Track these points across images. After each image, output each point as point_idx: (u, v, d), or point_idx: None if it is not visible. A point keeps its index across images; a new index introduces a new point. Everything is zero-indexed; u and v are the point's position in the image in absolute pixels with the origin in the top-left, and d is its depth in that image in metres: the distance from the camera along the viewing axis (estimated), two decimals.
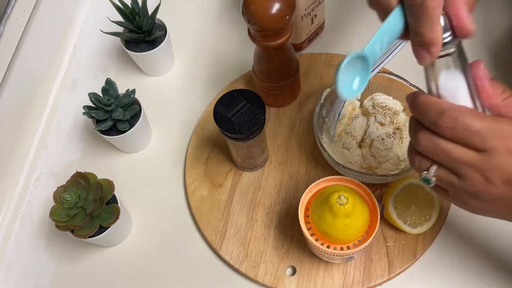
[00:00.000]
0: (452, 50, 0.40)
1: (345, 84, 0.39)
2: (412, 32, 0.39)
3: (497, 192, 0.40)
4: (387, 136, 0.62)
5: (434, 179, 0.42)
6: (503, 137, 0.38)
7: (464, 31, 0.39)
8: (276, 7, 0.56)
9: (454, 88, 0.41)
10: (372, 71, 0.53)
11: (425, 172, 0.42)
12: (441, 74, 0.41)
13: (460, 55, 0.41)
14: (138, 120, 0.67)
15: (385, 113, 0.63)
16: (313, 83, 0.74)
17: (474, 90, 0.41)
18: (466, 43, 0.41)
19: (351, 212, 0.53)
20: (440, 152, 0.40)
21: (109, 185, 0.61)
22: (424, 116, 0.40)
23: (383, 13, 0.40)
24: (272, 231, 0.64)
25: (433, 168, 0.42)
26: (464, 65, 0.41)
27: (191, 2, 0.86)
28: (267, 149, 0.67)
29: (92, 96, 0.65)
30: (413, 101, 0.41)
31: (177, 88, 0.78)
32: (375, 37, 0.39)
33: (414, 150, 0.43)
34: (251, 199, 0.67)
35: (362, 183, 0.57)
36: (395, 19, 0.39)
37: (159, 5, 0.72)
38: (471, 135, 0.38)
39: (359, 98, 0.67)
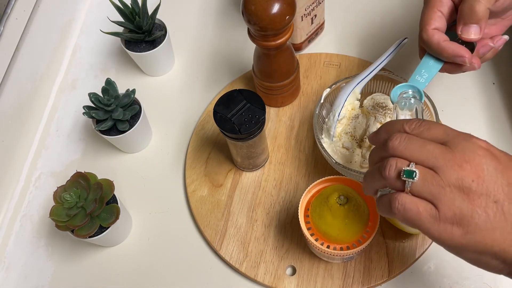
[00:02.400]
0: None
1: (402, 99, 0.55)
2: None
3: (475, 178, 0.40)
4: None
5: (417, 170, 0.41)
6: (463, 133, 0.43)
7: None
8: (276, 7, 0.56)
9: None
10: (371, 73, 0.65)
11: (406, 167, 0.42)
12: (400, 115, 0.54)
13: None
14: (138, 120, 0.67)
15: (385, 113, 0.63)
16: (313, 83, 0.74)
17: None
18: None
19: (351, 212, 0.53)
20: (415, 143, 0.42)
21: (109, 185, 0.61)
22: (394, 126, 0.45)
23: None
24: (272, 231, 0.64)
25: (413, 163, 0.41)
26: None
27: (191, 2, 0.86)
28: (267, 149, 0.67)
29: (92, 96, 0.65)
30: (378, 129, 0.48)
31: (177, 88, 0.78)
32: (414, 72, 0.55)
33: (383, 156, 0.44)
34: (251, 199, 0.67)
35: (362, 183, 0.57)
36: (426, 60, 0.55)
37: (159, 5, 0.72)
38: (436, 129, 0.43)
39: (359, 98, 0.67)
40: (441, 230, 0.41)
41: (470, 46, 0.53)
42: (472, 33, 0.52)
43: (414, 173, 0.41)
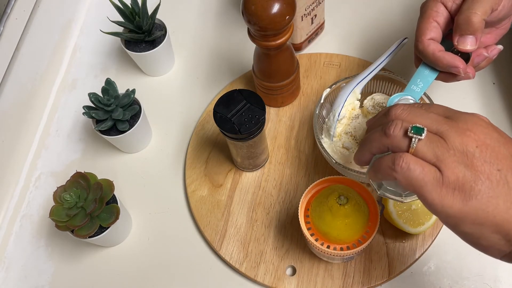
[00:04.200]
0: None
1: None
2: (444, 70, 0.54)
3: (479, 144, 0.40)
4: None
5: (425, 128, 0.41)
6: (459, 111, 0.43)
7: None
8: (276, 7, 0.56)
9: None
10: (371, 73, 0.65)
11: (412, 124, 0.41)
12: None
13: None
14: (138, 120, 0.67)
15: None
16: (313, 83, 0.74)
17: None
18: None
19: (351, 212, 0.53)
20: (418, 111, 0.42)
21: (109, 185, 0.61)
22: (392, 108, 0.45)
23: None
24: (272, 231, 0.64)
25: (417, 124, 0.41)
26: None
27: (191, 2, 0.86)
28: (267, 149, 0.67)
29: (92, 96, 0.65)
30: (380, 112, 0.48)
31: (177, 88, 0.78)
32: (410, 81, 0.56)
33: (387, 120, 0.44)
34: (251, 199, 0.67)
35: (362, 183, 0.57)
36: (422, 69, 0.56)
37: (159, 5, 0.72)
38: (437, 106, 0.44)
39: (359, 98, 0.66)
40: (443, 195, 0.39)
41: (466, 55, 0.54)
42: (468, 44, 0.52)
43: (423, 129, 0.40)
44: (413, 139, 0.41)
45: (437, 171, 0.40)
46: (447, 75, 0.55)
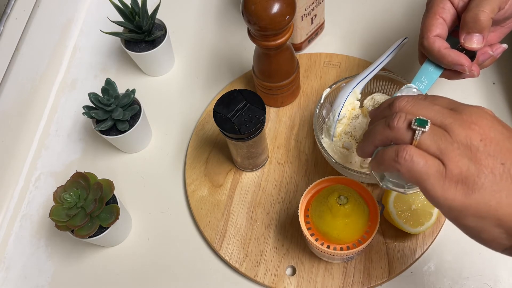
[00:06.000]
0: None
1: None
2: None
3: (483, 137, 0.39)
4: None
5: (429, 120, 0.40)
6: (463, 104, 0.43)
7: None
8: (276, 7, 0.56)
9: None
10: (371, 73, 0.66)
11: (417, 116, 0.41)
12: None
13: None
14: (138, 120, 0.67)
15: None
16: (313, 83, 0.74)
17: None
18: None
19: (351, 212, 0.53)
20: (422, 103, 0.42)
21: (109, 185, 0.61)
22: (395, 99, 0.45)
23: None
24: (272, 231, 0.64)
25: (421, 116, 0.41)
26: None
27: (191, 2, 0.86)
28: (267, 149, 0.67)
29: (92, 96, 0.65)
30: (383, 102, 0.47)
31: (177, 88, 0.78)
32: (414, 79, 0.55)
33: (390, 112, 0.44)
34: (251, 199, 0.67)
35: (362, 183, 0.57)
36: (427, 66, 0.55)
37: (159, 5, 0.72)
38: (442, 98, 0.43)
39: (359, 98, 0.67)
40: (445, 188, 0.39)
41: (471, 53, 0.53)
42: (475, 42, 0.52)
43: (427, 122, 0.40)
44: (417, 132, 0.41)
45: (441, 164, 0.40)
46: (451, 72, 0.55)
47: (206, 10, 0.85)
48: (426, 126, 0.40)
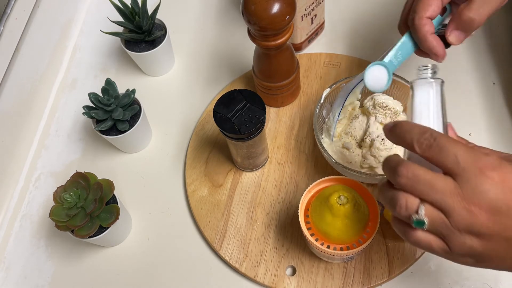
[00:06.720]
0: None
1: (373, 80, 0.55)
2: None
3: (485, 222, 0.39)
4: None
5: (427, 219, 0.40)
6: (475, 159, 0.40)
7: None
8: (276, 7, 0.56)
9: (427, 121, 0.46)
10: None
11: (415, 213, 0.41)
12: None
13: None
14: (138, 120, 0.67)
15: (385, 113, 0.63)
16: (313, 83, 0.74)
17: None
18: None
19: (351, 212, 0.53)
20: (422, 182, 0.40)
21: (109, 185, 0.61)
22: (405, 137, 0.42)
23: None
24: (272, 231, 0.64)
25: (422, 207, 0.40)
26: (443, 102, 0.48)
27: (191, 2, 0.86)
28: (267, 149, 0.67)
29: (92, 96, 0.65)
30: (393, 126, 0.44)
31: (177, 88, 0.78)
32: (391, 52, 0.55)
33: (393, 192, 0.43)
34: (251, 199, 0.67)
35: (362, 183, 0.57)
36: (406, 40, 0.55)
37: (159, 5, 0.72)
38: (447, 154, 0.40)
39: (359, 98, 0.66)
40: (454, 259, 0.42)
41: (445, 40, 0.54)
42: (460, 40, 0.54)
43: (424, 223, 0.41)
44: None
45: (445, 245, 0.41)
46: (422, 52, 0.56)
47: (206, 10, 0.85)
48: (424, 227, 0.41)
